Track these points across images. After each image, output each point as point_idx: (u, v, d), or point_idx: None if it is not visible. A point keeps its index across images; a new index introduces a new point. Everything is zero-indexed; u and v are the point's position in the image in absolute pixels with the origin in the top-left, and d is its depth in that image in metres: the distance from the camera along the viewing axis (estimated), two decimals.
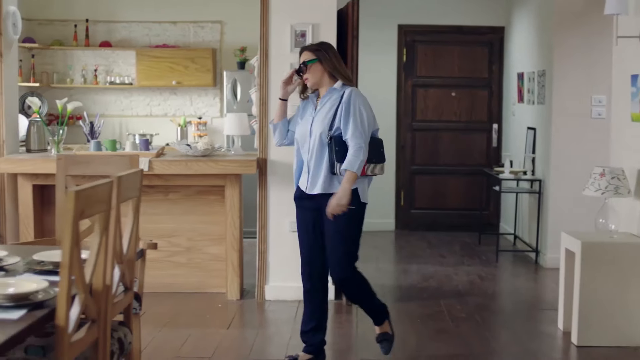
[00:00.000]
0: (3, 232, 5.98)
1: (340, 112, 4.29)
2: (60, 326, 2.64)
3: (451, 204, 9.13)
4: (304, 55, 4.43)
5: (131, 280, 3.61)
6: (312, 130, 4.36)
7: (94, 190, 2.81)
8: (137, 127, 8.97)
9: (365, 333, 5.23)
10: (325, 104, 4.38)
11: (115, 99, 9.07)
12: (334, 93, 4.37)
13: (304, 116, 4.47)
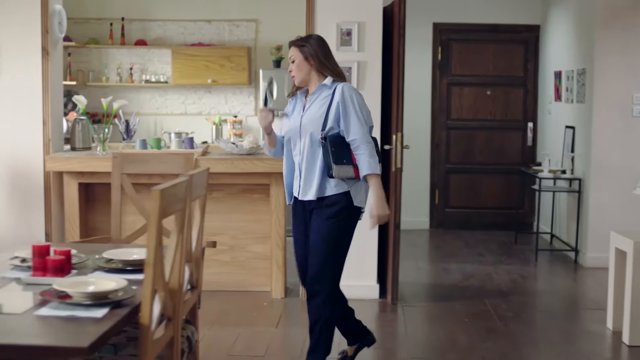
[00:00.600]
0: (49, 231, 6.01)
1: (337, 111, 3.99)
2: (145, 324, 2.65)
3: (486, 202, 9.10)
4: (290, 51, 4.16)
5: (197, 278, 3.63)
6: (302, 130, 4.06)
7: (175, 189, 2.82)
8: (172, 125, 8.99)
9: (414, 331, 5.22)
10: (314, 101, 4.08)
11: (150, 98, 9.10)
12: (323, 89, 4.07)
13: (292, 115, 4.18)
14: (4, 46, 5.92)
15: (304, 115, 4.09)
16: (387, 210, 4.09)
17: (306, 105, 4.12)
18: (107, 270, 3.28)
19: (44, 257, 3.11)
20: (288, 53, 4.17)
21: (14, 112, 5.92)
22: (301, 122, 4.08)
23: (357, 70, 5.85)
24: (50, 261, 3.08)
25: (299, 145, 4.10)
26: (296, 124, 4.11)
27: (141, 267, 3.28)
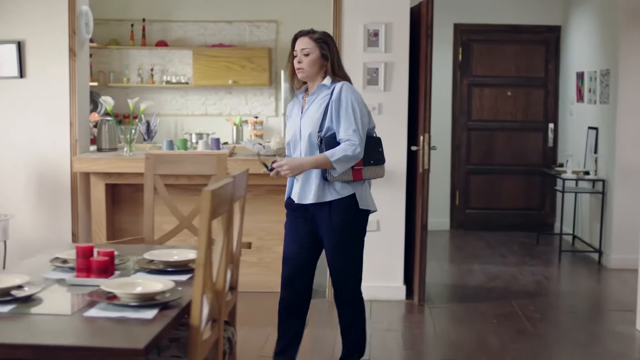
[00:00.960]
0: (75, 231, 6.02)
1: (331, 110, 3.87)
2: (195, 326, 2.65)
3: (506, 203, 9.08)
4: (302, 42, 3.93)
5: (236, 279, 3.63)
6: (301, 132, 3.95)
7: (223, 190, 2.82)
8: (193, 126, 9.00)
9: (444, 332, 5.21)
10: (313, 102, 3.96)
11: (170, 98, 9.11)
12: (322, 90, 3.94)
13: (291, 118, 4.07)
14: (30, 47, 5.93)
15: (302, 117, 3.98)
16: (287, 172, 3.83)
17: (304, 107, 4.00)
18: (149, 272, 3.29)
19: (88, 258, 3.11)
20: (298, 43, 3.95)
21: (41, 113, 5.94)
22: (300, 124, 3.97)
23: (384, 71, 5.85)
24: (94, 262, 3.08)
25: (299, 148, 3.98)
26: (295, 127, 4.00)
27: (182, 268, 3.30)
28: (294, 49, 3.98)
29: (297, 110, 4.05)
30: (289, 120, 4.12)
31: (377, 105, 5.87)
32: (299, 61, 3.93)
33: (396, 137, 5.90)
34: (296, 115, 4.03)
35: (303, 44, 3.93)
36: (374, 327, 5.32)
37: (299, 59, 3.93)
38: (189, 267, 3.33)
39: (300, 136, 3.96)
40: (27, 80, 5.95)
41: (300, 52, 3.93)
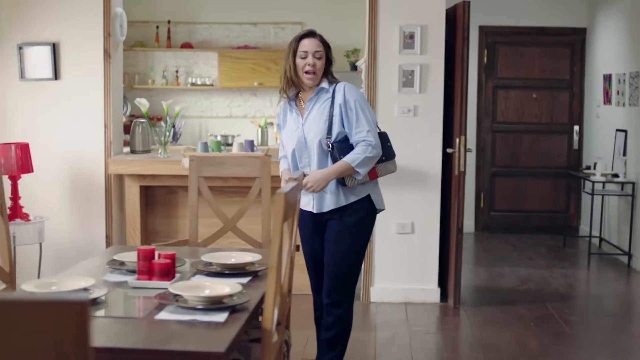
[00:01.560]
0: (109, 234, 6.02)
1: (340, 114, 3.73)
2: (267, 329, 2.64)
3: (531, 206, 9.06)
4: (314, 44, 3.75)
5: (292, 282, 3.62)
6: (307, 140, 3.78)
7: (292, 193, 2.81)
8: (217, 128, 9.00)
9: (483, 335, 5.19)
10: (313, 106, 3.79)
11: (195, 100, 9.11)
12: (322, 93, 3.79)
13: (289, 127, 3.88)
14: (65, 49, 5.93)
15: (304, 124, 3.80)
16: (319, 188, 3.72)
17: (304, 113, 3.82)
18: (207, 274, 3.28)
19: (150, 261, 3.10)
20: (309, 44, 3.75)
21: (75, 115, 5.94)
22: (304, 131, 3.80)
23: (419, 73, 5.84)
24: (157, 265, 3.08)
25: (305, 157, 3.83)
26: (299, 135, 3.82)
27: (240, 271, 3.29)
28: (301, 50, 3.76)
29: (294, 116, 3.86)
30: (284, 129, 3.94)
31: (412, 108, 5.86)
32: (312, 63, 3.74)
33: (431, 139, 5.89)
34: (295, 122, 3.85)
35: (316, 46, 3.75)
36: (412, 329, 5.31)
37: (312, 61, 3.73)
38: (247, 270, 3.32)
39: (307, 143, 3.80)
40: (62, 82, 5.96)
41: (313, 53, 3.74)
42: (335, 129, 3.74)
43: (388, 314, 5.67)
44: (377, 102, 5.87)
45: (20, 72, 5.94)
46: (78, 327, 1.27)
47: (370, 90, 5.88)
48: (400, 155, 5.77)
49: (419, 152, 5.88)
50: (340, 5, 8.90)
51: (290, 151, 3.88)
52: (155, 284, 3.04)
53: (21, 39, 5.93)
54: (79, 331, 1.28)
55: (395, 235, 5.94)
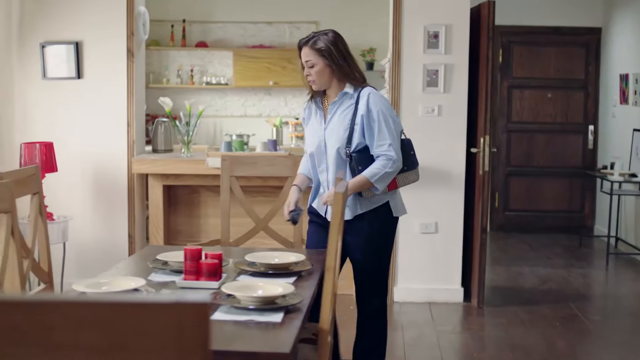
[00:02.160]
0: (132, 233, 6.00)
1: (361, 124, 3.64)
2: (325, 329, 2.64)
3: (546, 206, 9.06)
4: (304, 53, 3.68)
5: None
6: (326, 146, 3.72)
7: (346, 193, 2.80)
8: (231, 127, 8.99)
9: (511, 335, 5.19)
10: (335, 112, 3.72)
11: (210, 100, 9.09)
12: (345, 98, 3.70)
13: (312, 127, 3.83)
14: (87, 48, 5.92)
15: (326, 128, 3.74)
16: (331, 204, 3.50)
17: (327, 117, 3.75)
18: (251, 274, 3.27)
19: (197, 261, 3.09)
20: (302, 55, 3.69)
21: (98, 114, 5.93)
22: (324, 136, 3.74)
23: (443, 73, 5.83)
24: (204, 265, 3.06)
25: (324, 162, 3.76)
26: (319, 139, 3.75)
27: (284, 271, 3.28)
28: (301, 62, 3.74)
29: (318, 118, 3.80)
30: (307, 127, 3.90)
31: (436, 107, 5.86)
32: (307, 74, 3.70)
33: (455, 139, 5.89)
34: (318, 124, 3.79)
35: (305, 56, 3.68)
36: (438, 329, 5.31)
37: (306, 72, 3.70)
38: (291, 270, 3.31)
39: (326, 149, 3.74)
40: (84, 81, 5.94)
41: (305, 63, 3.69)
42: (355, 138, 3.66)
43: (413, 314, 5.66)
44: (401, 102, 5.86)
45: (43, 71, 5.93)
46: (199, 328, 1.27)
47: (394, 90, 5.87)
48: (424, 155, 5.80)
49: (442, 152, 5.88)
50: (355, 4, 8.89)
51: (309, 154, 3.86)
52: (203, 284, 3.03)
53: (44, 38, 5.92)
54: (200, 332, 1.27)
55: (419, 235, 5.94)
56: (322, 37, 3.67)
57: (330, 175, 3.74)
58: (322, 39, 3.66)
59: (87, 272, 5.78)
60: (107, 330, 1.26)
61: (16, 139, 5.95)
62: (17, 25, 5.91)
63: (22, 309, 1.26)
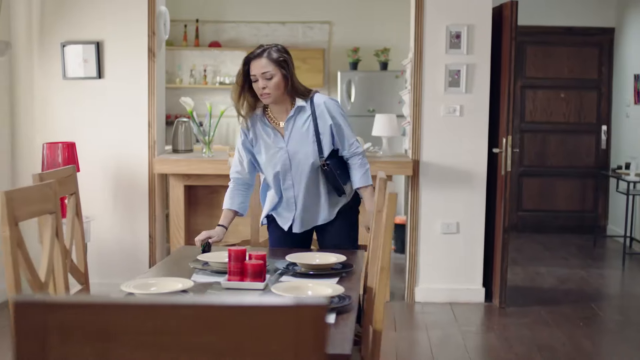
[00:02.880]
0: (153, 233, 5.99)
1: (330, 133, 3.68)
2: (379, 330, 2.64)
3: (559, 205, 9.06)
4: (260, 63, 3.55)
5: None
6: (293, 163, 3.70)
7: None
8: None
9: (536, 335, 5.19)
10: (294, 127, 3.67)
11: (222, 99, 9.08)
12: (300, 112, 3.66)
13: (266, 148, 3.71)
14: (108, 48, 5.90)
15: (288, 145, 3.69)
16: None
17: (285, 134, 3.68)
18: (293, 275, 3.26)
19: (242, 261, 3.08)
20: (254, 67, 3.55)
21: (118, 114, 5.91)
22: (288, 153, 3.69)
23: (465, 73, 5.83)
24: (250, 266, 3.05)
25: (289, 179, 3.74)
26: (282, 157, 3.70)
27: (325, 272, 3.27)
28: (251, 74, 3.57)
29: (272, 137, 3.70)
30: (256, 148, 3.76)
31: (458, 107, 5.86)
32: (263, 86, 3.55)
33: (477, 139, 5.89)
34: (274, 144, 3.70)
35: (262, 67, 3.54)
36: (462, 329, 5.31)
37: (262, 84, 3.54)
38: (331, 271, 3.30)
39: (291, 165, 3.71)
40: (105, 81, 5.93)
41: (261, 76, 3.54)
42: (326, 147, 3.70)
43: (435, 314, 5.66)
44: (422, 102, 5.86)
45: (63, 70, 5.91)
46: (317, 330, 1.26)
47: (415, 91, 5.87)
48: (446, 155, 5.82)
49: (464, 152, 5.88)
50: (369, 4, 8.88)
51: (273, 174, 3.75)
52: (248, 284, 3.02)
53: (64, 38, 5.90)
54: (318, 335, 1.26)
55: (441, 235, 5.94)
56: (274, 48, 3.61)
57: (298, 190, 3.75)
58: (275, 50, 3.60)
59: (109, 272, 5.80)
60: (224, 333, 1.26)
61: (36, 139, 5.93)
62: (38, 24, 5.89)
63: (135, 312, 1.25)
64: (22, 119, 5.94)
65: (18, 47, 5.86)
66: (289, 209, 3.81)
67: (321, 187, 3.76)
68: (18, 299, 1.22)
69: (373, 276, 3.28)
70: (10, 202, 2.63)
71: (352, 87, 8.48)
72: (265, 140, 3.72)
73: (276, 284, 2.91)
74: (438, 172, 5.89)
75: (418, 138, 5.90)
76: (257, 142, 3.75)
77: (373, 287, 3.09)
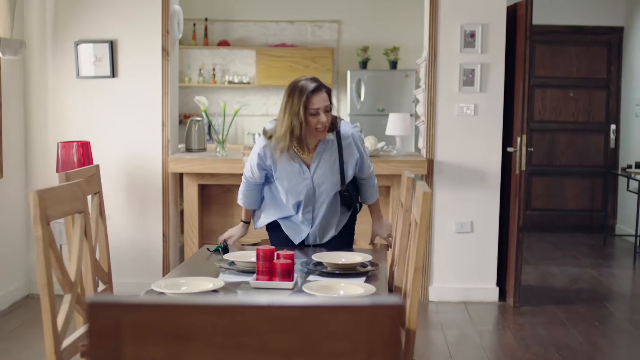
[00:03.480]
0: (166, 232, 5.98)
1: (355, 163, 3.76)
2: (413, 330, 2.63)
3: (567, 205, 9.07)
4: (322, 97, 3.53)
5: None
6: (316, 192, 3.75)
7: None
8: (253, 126, 8.97)
9: (552, 335, 5.19)
10: (321, 159, 3.70)
11: (231, 98, 9.08)
12: (327, 144, 3.69)
13: (290, 177, 3.71)
14: (122, 47, 5.89)
15: (314, 176, 3.72)
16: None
17: (311, 165, 3.70)
18: (319, 274, 3.26)
19: (270, 261, 3.08)
20: (318, 100, 3.52)
21: (132, 113, 5.91)
22: (313, 183, 3.73)
23: (480, 72, 5.83)
24: (278, 265, 3.05)
25: (311, 205, 3.78)
26: (307, 187, 3.73)
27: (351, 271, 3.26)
28: (312, 107, 3.51)
29: (297, 167, 3.69)
30: (283, 179, 3.74)
31: (472, 107, 5.85)
32: (324, 121, 3.55)
33: (491, 138, 5.89)
34: (299, 173, 3.70)
35: (325, 100, 3.55)
36: (478, 328, 5.31)
37: (325, 118, 3.54)
38: (357, 270, 3.30)
39: (315, 194, 3.75)
40: (119, 80, 5.92)
41: (323, 109, 3.54)
42: (348, 177, 3.79)
43: (450, 314, 5.66)
44: (437, 101, 5.85)
45: (77, 69, 5.90)
46: (391, 331, 1.26)
47: (430, 90, 5.86)
48: (460, 154, 5.82)
49: (478, 152, 5.88)
50: (378, 3, 8.88)
51: (295, 202, 3.78)
52: (276, 284, 3.02)
53: (78, 36, 5.89)
54: (392, 335, 1.26)
55: (455, 235, 5.94)
56: (320, 81, 3.63)
57: (317, 213, 3.81)
58: (323, 84, 3.61)
59: (122, 271, 5.79)
60: (299, 333, 1.25)
61: (50, 138, 5.93)
62: (52, 23, 5.88)
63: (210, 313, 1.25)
64: (36, 118, 5.93)
65: (32, 46, 5.86)
66: (305, 224, 3.86)
67: (337, 207, 3.85)
68: (93, 299, 1.22)
69: (401, 276, 3.28)
70: (43, 201, 2.62)
71: (361, 86, 8.47)
72: (287, 170, 3.71)
73: (307, 284, 2.91)
74: (452, 171, 5.89)
75: (432, 137, 5.89)
76: (276, 170, 3.74)
77: (403, 287, 3.10)
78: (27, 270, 5.99)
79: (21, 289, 5.92)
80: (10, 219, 5.75)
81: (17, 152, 5.82)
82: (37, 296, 5.95)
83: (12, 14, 5.44)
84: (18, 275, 5.89)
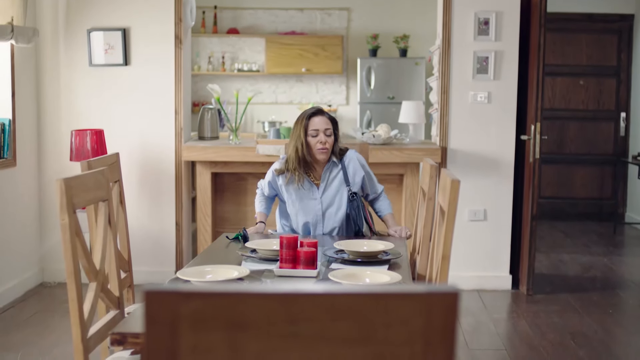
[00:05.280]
0: (179, 220, 5.98)
1: (360, 183, 3.95)
2: None
3: (577, 193, 9.06)
4: (322, 120, 3.82)
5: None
6: (325, 213, 3.91)
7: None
8: (262, 114, 8.96)
9: (567, 322, 5.19)
10: (328, 180, 3.91)
11: (240, 87, 9.06)
12: (334, 167, 3.91)
13: (300, 197, 3.90)
14: (135, 35, 5.88)
15: (322, 196, 3.90)
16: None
17: (320, 186, 3.90)
18: (341, 262, 3.26)
19: (294, 249, 3.08)
20: (319, 122, 3.81)
21: (145, 101, 5.90)
22: (322, 203, 3.90)
23: (493, 60, 5.81)
24: (302, 253, 3.05)
25: (320, 223, 3.93)
26: (315, 207, 3.91)
27: (373, 259, 3.26)
28: (312, 128, 3.80)
29: (307, 188, 3.88)
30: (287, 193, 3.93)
31: (486, 94, 5.84)
32: (325, 141, 3.80)
33: (504, 126, 5.88)
34: (309, 194, 3.89)
35: (325, 124, 3.82)
36: (493, 316, 5.31)
37: (324, 139, 3.80)
38: (379, 258, 3.30)
39: (324, 215, 3.92)
40: (131, 68, 5.91)
41: (324, 131, 3.81)
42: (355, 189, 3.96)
43: (464, 301, 5.65)
44: (450, 89, 5.84)
45: (89, 57, 5.89)
46: (447, 318, 1.25)
47: (443, 77, 5.85)
48: (473, 142, 5.81)
49: (492, 139, 5.87)
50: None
51: (303, 222, 3.93)
52: (300, 272, 3.02)
53: (90, 24, 5.88)
54: (448, 323, 1.26)
55: (468, 223, 5.93)
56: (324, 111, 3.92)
57: (324, 230, 3.95)
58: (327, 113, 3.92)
59: (136, 259, 5.78)
60: (357, 321, 1.25)
61: (62, 127, 5.92)
62: (64, 11, 5.87)
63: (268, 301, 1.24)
64: (48, 106, 5.92)
65: (44, 34, 5.84)
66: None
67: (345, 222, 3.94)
68: (150, 287, 1.21)
69: (424, 264, 3.28)
70: (69, 189, 2.62)
71: (371, 74, 8.45)
72: (297, 191, 3.91)
73: (332, 272, 2.90)
74: (465, 159, 5.88)
75: (446, 125, 5.88)
76: (287, 190, 3.93)
77: (427, 275, 3.09)
78: (40, 259, 6.00)
79: (35, 277, 5.93)
80: (24, 207, 5.75)
81: (30, 141, 5.82)
82: (50, 284, 5.95)
83: (25, 2, 5.43)
84: (32, 263, 5.90)
